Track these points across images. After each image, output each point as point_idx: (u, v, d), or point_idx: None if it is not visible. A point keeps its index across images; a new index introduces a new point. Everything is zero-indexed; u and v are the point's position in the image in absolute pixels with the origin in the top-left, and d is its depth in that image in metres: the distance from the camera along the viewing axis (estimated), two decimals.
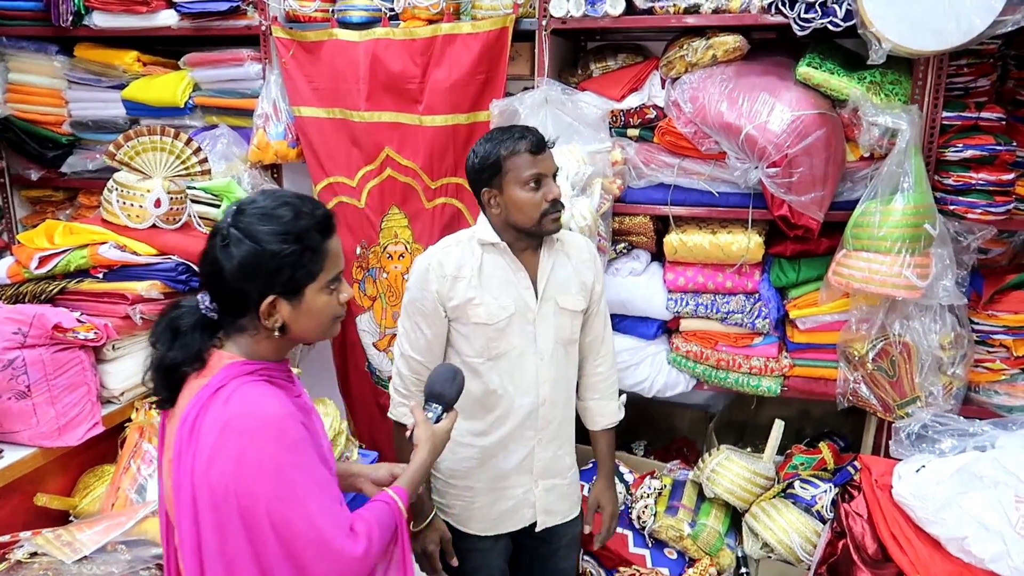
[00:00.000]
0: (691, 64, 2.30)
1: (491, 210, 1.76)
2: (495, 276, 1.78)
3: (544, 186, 1.72)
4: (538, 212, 1.71)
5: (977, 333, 2.26)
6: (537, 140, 1.73)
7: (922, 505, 2.05)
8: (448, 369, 1.55)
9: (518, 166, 1.70)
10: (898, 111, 2.09)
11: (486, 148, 1.74)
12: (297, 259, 1.21)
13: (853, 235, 2.14)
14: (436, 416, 1.50)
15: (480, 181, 1.76)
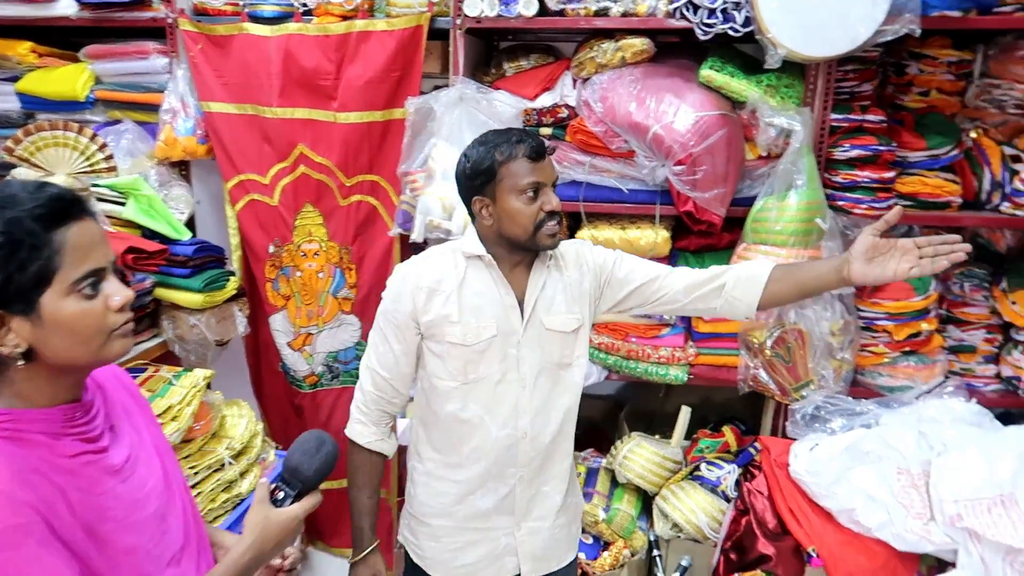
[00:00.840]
0: (601, 65, 2.39)
1: (482, 220, 1.62)
2: (478, 293, 1.62)
3: (542, 196, 1.57)
4: (533, 224, 1.56)
5: (862, 320, 2.44)
6: (536, 145, 1.58)
7: (816, 481, 2.20)
8: (313, 438, 1.23)
9: (514, 173, 1.55)
10: (792, 113, 2.23)
11: (479, 152, 1.59)
12: (9, 259, 0.95)
13: (752, 229, 2.27)
14: (284, 498, 1.18)
15: (471, 188, 1.61)
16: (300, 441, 1.23)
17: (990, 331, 2.52)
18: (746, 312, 1.75)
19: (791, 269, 1.75)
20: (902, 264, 1.60)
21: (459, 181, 1.64)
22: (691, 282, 1.75)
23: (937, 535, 2.11)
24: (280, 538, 1.16)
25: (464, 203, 1.65)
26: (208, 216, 2.82)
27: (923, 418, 2.25)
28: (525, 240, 1.59)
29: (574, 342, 1.70)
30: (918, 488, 2.16)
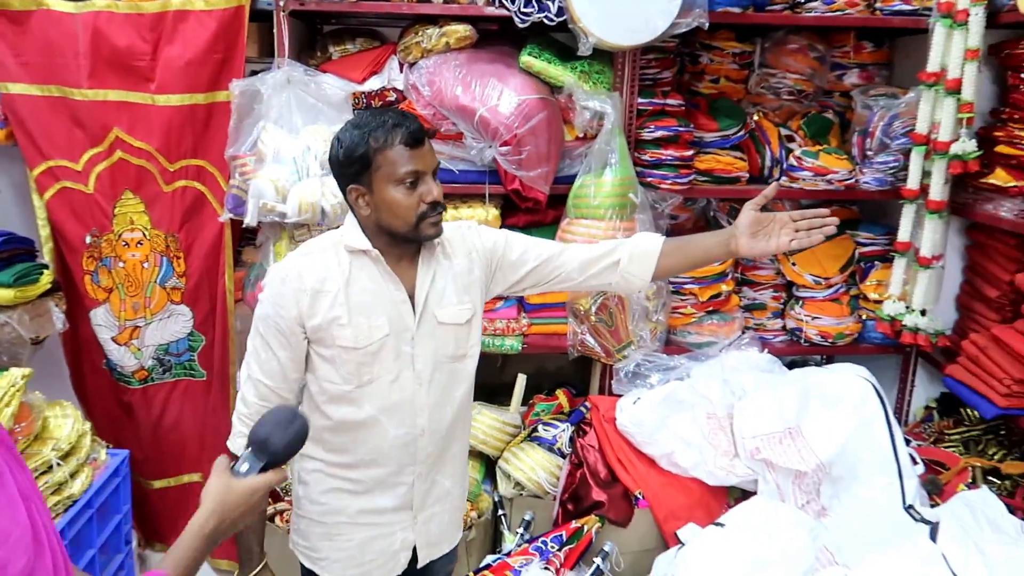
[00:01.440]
0: (426, 50, 2.47)
1: (359, 210, 1.52)
2: (366, 290, 1.53)
3: (422, 185, 1.48)
4: (414, 215, 1.47)
5: (672, 284, 2.71)
6: (415, 131, 1.47)
7: (639, 431, 2.44)
8: (286, 413, 1.20)
9: (392, 161, 1.45)
10: (604, 97, 2.43)
11: (353, 137, 1.47)
12: None
13: (574, 205, 2.46)
14: (248, 468, 1.14)
15: (345, 176, 1.50)
16: (270, 414, 1.20)
17: (776, 290, 2.89)
18: (640, 286, 1.77)
19: (681, 243, 1.77)
20: (782, 237, 1.66)
21: (332, 167, 1.53)
22: (585, 259, 1.74)
23: (741, 469, 2.41)
24: (243, 508, 1.11)
25: (340, 190, 1.54)
26: (11, 206, 2.61)
27: (726, 368, 2.55)
28: (406, 232, 1.50)
29: (468, 333, 1.64)
30: (724, 429, 2.45)
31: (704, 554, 2.16)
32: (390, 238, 1.53)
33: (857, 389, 2.37)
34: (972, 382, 2.44)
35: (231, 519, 1.10)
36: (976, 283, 2.62)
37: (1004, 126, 2.42)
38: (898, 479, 2.26)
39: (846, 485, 2.29)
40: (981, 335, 2.47)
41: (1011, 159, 2.37)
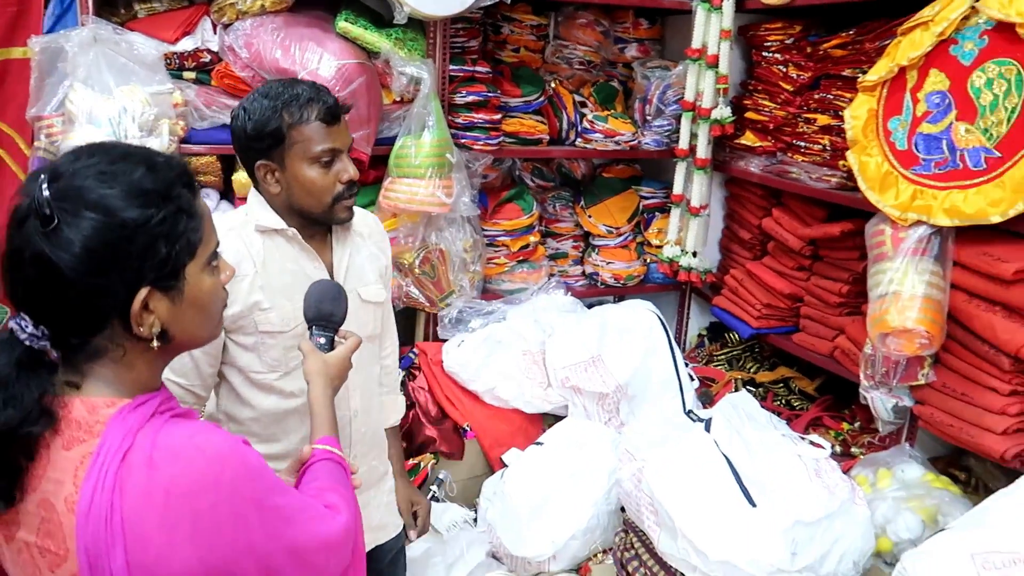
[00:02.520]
0: (242, 12, 2.48)
1: (267, 187, 1.44)
2: (286, 271, 1.46)
3: (337, 163, 1.43)
4: (330, 196, 1.43)
5: (487, 237, 2.97)
6: (331, 107, 1.41)
7: (464, 370, 2.69)
8: (330, 286, 1.29)
9: (307, 138, 1.39)
10: (419, 63, 2.60)
11: (264, 109, 1.38)
12: (172, 227, 0.89)
13: (396, 164, 2.61)
14: (327, 342, 1.27)
15: (252, 151, 1.42)
16: (320, 291, 1.29)
17: (576, 240, 3.25)
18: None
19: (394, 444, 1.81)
20: None
21: (237, 139, 1.44)
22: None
23: (554, 396, 2.75)
24: (341, 376, 1.27)
25: (243, 164, 1.48)
26: None
27: (537, 310, 2.86)
28: (319, 212, 1.45)
29: (382, 314, 1.65)
30: (538, 363, 2.76)
31: (526, 472, 2.47)
32: (301, 217, 1.47)
33: (645, 321, 2.78)
34: (733, 309, 2.95)
35: (337, 385, 1.25)
36: (733, 228, 3.13)
37: (751, 96, 2.90)
38: (679, 392, 2.70)
39: (639, 402, 2.69)
40: (738, 270, 2.98)
41: (757, 124, 2.86)
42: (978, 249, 1.95)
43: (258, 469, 0.92)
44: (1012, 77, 1.83)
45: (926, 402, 2.14)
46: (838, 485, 1.95)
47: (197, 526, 0.85)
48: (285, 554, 0.92)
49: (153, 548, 0.83)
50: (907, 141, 2.08)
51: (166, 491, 0.84)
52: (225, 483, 0.87)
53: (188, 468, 0.85)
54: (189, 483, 0.85)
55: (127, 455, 0.85)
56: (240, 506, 0.88)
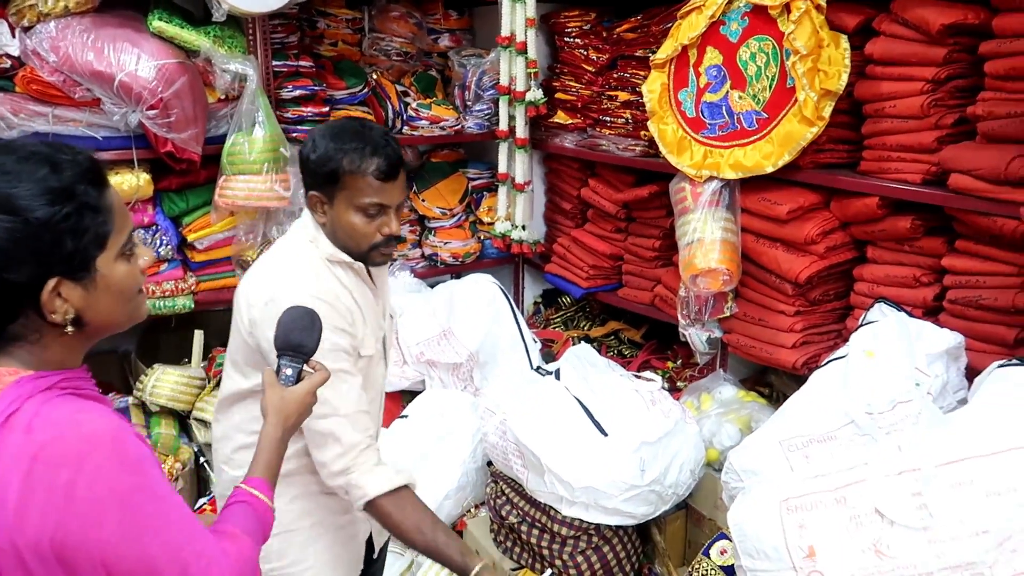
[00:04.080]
0: (43, 14, 2.38)
1: (316, 215, 1.51)
2: (364, 300, 1.54)
3: (383, 216, 1.47)
4: (368, 244, 1.49)
5: None
6: (391, 164, 1.44)
7: None
8: (304, 313, 1.27)
9: (359, 188, 1.44)
10: (242, 60, 2.61)
11: (327, 148, 1.44)
12: (77, 223, 0.92)
13: (229, 162, 2.62)
14: (294, 374, 1.23)
15: (309, 179, 1.49)
16: (291, 319, 1.25)
17: (412, 224, 3.39)
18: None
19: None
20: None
21: (302, 164, 1.51)
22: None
23: (411, 372, 2.89)
24: (300, 413, 1.23)
25: (305, 196, 1.54)
26: None
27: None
28: (355, 253, 1.51)
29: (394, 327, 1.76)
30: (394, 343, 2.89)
31: (395, 445, 2.60)
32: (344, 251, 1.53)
33: (488, 292, 2.99)
34: (564, 274, 3.23)
35: (291, 425, 1.22)
36: (555, 200, 3.41)
37: (559, 78, 3.18)
38: (526, 354, 2.94)
39: (491, 367, 2.90)
40: (565, 238, 3.26)
41: (567, 103, 3.14)
42: (759, 196, 2.33)
43: (135, 463, 0.91)
44: (769, 50, 2.21)
45: (732, 331, 2.51)
46: (671, 409, 2.27)
47: (50, 499, 0.86)
48: (135, 564, 0.90)
49: (11, 511, 0.86)
50: (695, 109, 2.43)
51: (32, 457, 0.86)
52: (90, 464, 0.87)
53: (57, 439, 0.87)
54: (54, 454, 0.87)
55: (10, 418, 0.89)
56: (100, 493, 0.87)
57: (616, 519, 2.09)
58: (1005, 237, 1.85)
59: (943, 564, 1.34)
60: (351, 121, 1.53)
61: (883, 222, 2.14)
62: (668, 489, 2.12)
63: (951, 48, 1.97)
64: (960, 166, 1.90)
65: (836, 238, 2.26)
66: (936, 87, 2.01)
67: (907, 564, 1.36)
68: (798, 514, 1.47)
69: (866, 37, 2.14)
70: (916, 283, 2.11)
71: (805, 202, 2.26)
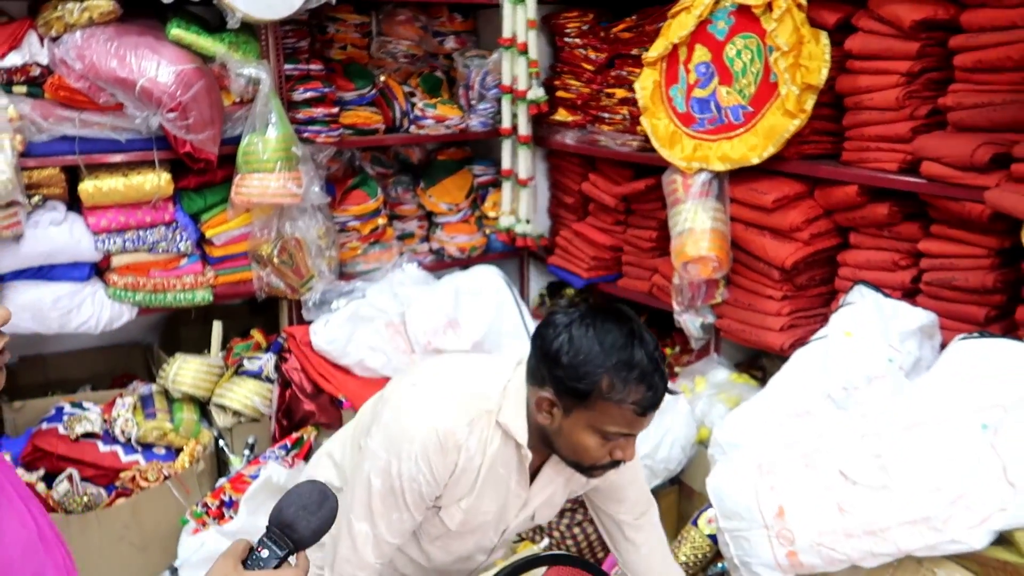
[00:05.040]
0: (69, 24, 2.52)
1: (535, 413, 1.31)
2: (497, 479, 1.37)
3: (621, 441, 1.28)
4: (590, 463, 1.30)
5: (338, 224, 3.17)
6: (656, 399, 1.24)
7: (333, 347, 2.90)
8: (316, 490, 1.01)
9: (611, 416, 1.24)
10: (255, 64, 2.76)
11: (589, 358, 1.21)
12: None
13: (244, 161, 2.76)
14: (270, 557, 0.96)
15: (549, 377, 1.26)
16: (297, 493, 1.00)
17: (420, 220, 3.52)
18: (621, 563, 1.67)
19: None
20: None
21: (545, 355, 1.27)
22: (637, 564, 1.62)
23: (418, 361, 3.01)
24: None
25: (531, 369, 1.32)
26: None
27: (394, 284, 3.11)
28: (569, 463, 1.34)
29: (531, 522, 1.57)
30: (401, 333, 3.02)
31: None
32: (546, 445, 1.35)
33: (492, 282, 3.11)
34: (566, 266, 3.35)
35: None
36: (558, 195, 3.53)
37: (560, 77, 3.30)
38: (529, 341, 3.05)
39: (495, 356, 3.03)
40: (567, 231, 3.38)
41: (567, 101, 3.26)
42: (746, 186, 2.44)
43: None
44: (754, 48, 2.32)
45: (724, 316, 2.62)
46: None
47: None
48: None
49: None
50: (685, 104, 2.54)
51: None
52: None
53: None
54: None
55: None
56: None
57: None
58: (974, 221, 1.95)
59: (900, 519, 1.45)
60: (619, 323, 1.25)
61: (863, 209, 2.24)
62: (660, 464, 2.24)
63: (923, 43, 2.07)
64: (931, 154, 2.00)
65: (820, 225, 2.37)
66: (910, 80, 2.11)
67: (868, 521, 1.47)
68: (769, 477, 1.59)
69: (847, 33, 2.24)
70: (895, 267, 2.21)
71: (790, 191, 2.37)
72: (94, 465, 2.52)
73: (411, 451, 1.31)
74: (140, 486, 2.50)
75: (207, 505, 2.43)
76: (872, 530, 1.47)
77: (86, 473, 2.51)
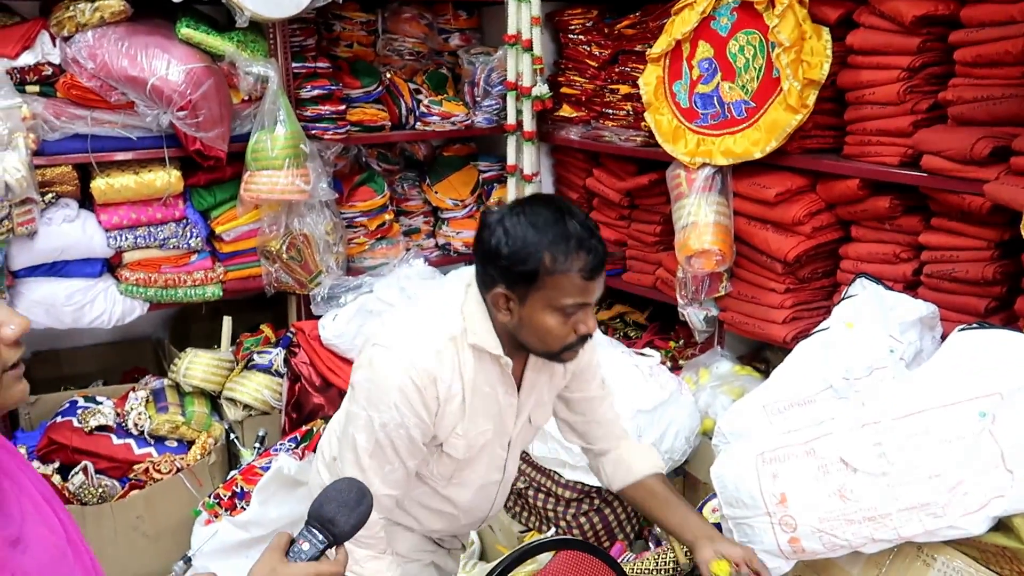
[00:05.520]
0: (81, 24, 2.57)
1: (497, 313, 1.35)
2: (483, 395, 1.40)
3: (580, 314, 1.32)
4: (561, 345, 1.34)
5: (345, 219, 3.21)
6: (599, 261, 1.28)
7: (341, 340, 2.93)
8: (355, 488, 1.08)
9: (562, 288, 1.27)
10: (263, 63, 2.79)
11: (525, 241, 1.26)
12: None
13: (253, 159, 2.80)
14: (314, 551, 1.03)
15: (497, 273, 1.31)
16: (336, 490, 1.07)
17: (426, 215, 3.56)
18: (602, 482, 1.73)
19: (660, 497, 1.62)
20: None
21: (484, 254, 1.33)
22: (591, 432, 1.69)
23: None
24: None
25: (479, 273, 1.39)
26: None
27: (401, 279, 3.15)
28: (541, 352, 1.38)
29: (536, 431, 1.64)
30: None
31: None
32: (518, 347, 1.40)
33: None
34: None
35: None
36: (562, 190, 3.56)
37: (564, 73, 3.33)
38: None
39: None
40: None
41: (571, 97, 3.28)
42: (749, 180, 2.47)
43: None
44: (756, 43, 2.34)
45: (728, 309, 2.65)
46: (668, 382, 2.42)
47: None
48: None
49: None
50: (688, 100, 2.57)
51: None
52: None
53: None
54: None
55: None
56: None
57: None
58: (973, 213, 1.98)
59: (900, 506, 1.48)
60: (546, 204, 1.32)
61: (865, 203, 2.27)
62: (664, 454, 2.27)
63: (924, 38, 2.10)
64: (932, 148, 2.03)
65: (822, 219, 2.40)
66: (911, 75, 2.14)
67: (868, 507, 1.51)
68: (772, 465, 1.62)
69: (848, 29, 2.27)
70: (896, 259, 2.24)
71: (792, 185, 2.40)
72: (108, 457, 2.57)
73: (389, 401, 1.33)
74: (153, 478, 2.55)
75: (219, 496, 2.47)
76: (872, 516, 1.50)
77: (100, 465, 2.56)
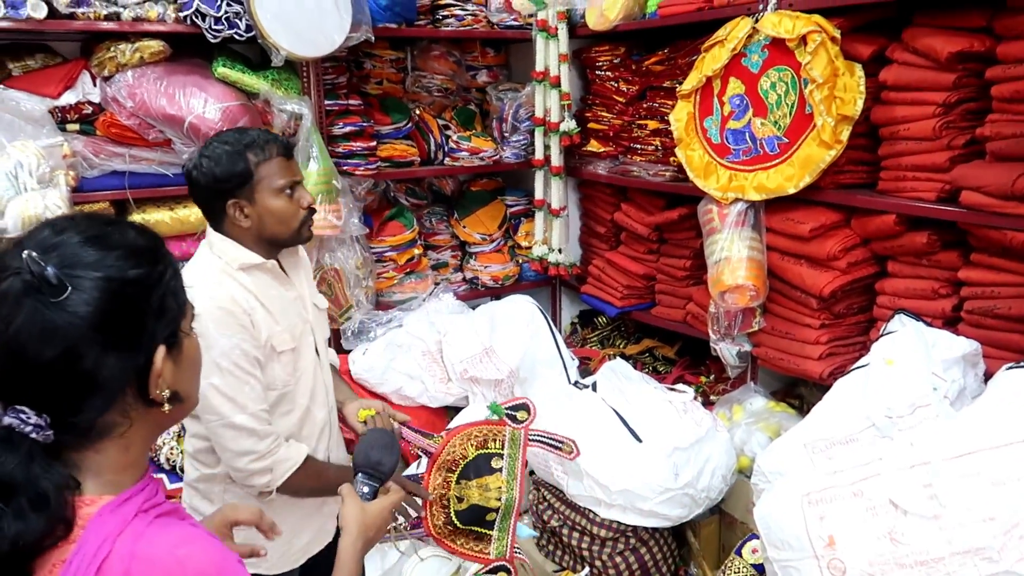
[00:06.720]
0: (121, 65, 2.63)
1: (237, 223, 1.60)
2: (273, 297, 1.64)
3: (298, 191, 1.64)
4: (297, 221, 1.64)
5: (375, 254, 3.23)
6: (286, 144, 1.64)
7: (371, 375, 2.94)
8: (384, 434, 1.35)
9: (272, 173, 1.59)
10: (297, 100, 2.84)
11: (227, 155, 1.56)
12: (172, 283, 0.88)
13: None
14: (371, 491, 1.28)
15: (222, 192, 1.57)
16: (372, 439, 1.32)
17: (454, 250, 3.58)
18: None
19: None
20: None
21: (202, 187, 1.59)
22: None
23: (454, 389, 3.05)
24: (379, 527, 1.26)
25: (206, 208, 1.63)
26: None
27: (430, 313, 3.16)
28: (288, 236, 1.65)
29: (326, 317, 1.86)
30: (437, 361, 3.06)
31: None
32: (270, 246, 1.65)
33: (526, 311, 3.15)
34: (599, 294, 3.37)
35: (372, 537, 1.25)
36: (590, 224, 3.57)
37: (591, 109, 3.36)
38: (564, 369, 3.08)
39: (530, 383, 3.04)
40: (599, 260, 3.41)
41: (599, 132, 3.31)
42: (783, 216, 2.46)
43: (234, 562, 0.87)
44: (788, 80, 2.35)
45: (761, 344, 2.63)
46: (703, 418, 2.39)
47: None
48: None
49: None
50: (720, 136, 2.58)
51: None
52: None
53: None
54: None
55: (103, 565, 0.79)
56: None
57: (651, 521, 2.21)
58: (1015, 249, 1.96)
59: (954, 549, 1.44)
60: (221, 133, 1.64)
61: (901, 238, 2.25)
62: (701, 493, 2.24)
63: (960, 74, 2.10)
64: (971, 183, 2.01)
65: (857, 254, 2.38)
66: (947, 110, 2.13)
67: (920, 550, 1.47)
68: (818, 507, 1.59)
69: (881, 65, 2.27)
70: (935, 295, 2.21)
71: (827, 220, 2.39)
72: None
73: (216, 333, 1.53)
74: None
75: None
76: (924, 560, 1.46)
77: None
